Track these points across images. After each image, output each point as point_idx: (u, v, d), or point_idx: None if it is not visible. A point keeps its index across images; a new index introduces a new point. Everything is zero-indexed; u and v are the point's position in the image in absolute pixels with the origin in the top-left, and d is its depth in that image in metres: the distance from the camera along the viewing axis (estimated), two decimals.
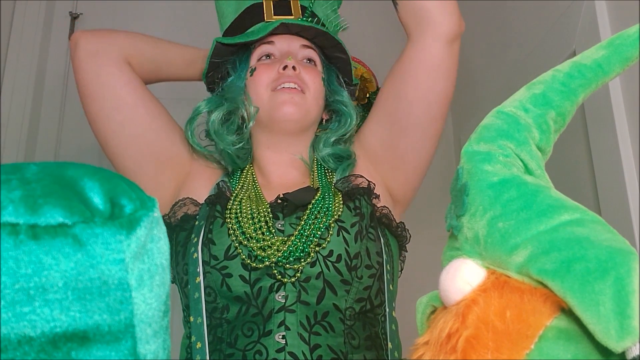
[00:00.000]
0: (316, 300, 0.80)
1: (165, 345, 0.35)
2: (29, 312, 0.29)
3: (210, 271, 0.81)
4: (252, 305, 0.79)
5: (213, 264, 0.81)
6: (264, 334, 0.77)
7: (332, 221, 0.83)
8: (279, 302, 0.79)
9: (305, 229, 0.82)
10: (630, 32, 0.47)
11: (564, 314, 0.36)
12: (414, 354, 0.43)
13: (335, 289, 0.80)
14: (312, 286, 0.80)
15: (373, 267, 0.84)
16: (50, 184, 0.31)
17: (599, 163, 0.99)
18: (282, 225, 0.84)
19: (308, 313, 0.79)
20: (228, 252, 0.81)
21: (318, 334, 0.78)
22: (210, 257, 0.81)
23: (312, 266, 0.80)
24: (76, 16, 2.00)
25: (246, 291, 0.79)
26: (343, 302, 0.81)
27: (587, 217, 0.39)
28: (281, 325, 0.77)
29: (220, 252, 0.81)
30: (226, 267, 0.80)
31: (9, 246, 0.29)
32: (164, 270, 0.35)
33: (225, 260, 0.81)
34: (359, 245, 0.83)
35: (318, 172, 0.94)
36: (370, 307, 0.84)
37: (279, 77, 0.90)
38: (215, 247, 0.81)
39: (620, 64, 0.47)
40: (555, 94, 0.47)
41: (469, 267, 0.41)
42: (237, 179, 0.94)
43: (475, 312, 0.38)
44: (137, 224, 0.33)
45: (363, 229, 0.84)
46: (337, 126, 0.97)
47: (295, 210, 0.85)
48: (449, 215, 0.47)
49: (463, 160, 0.47)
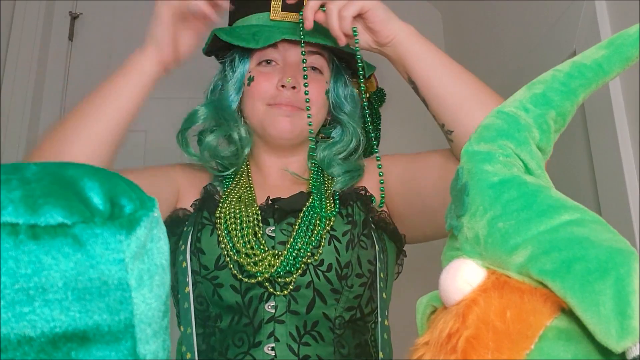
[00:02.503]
0: (306, 309, 0.79)
1: (165, 345, 0.35)
2: (29, 312, 0.29)
3: (202, 281, 0.80)
4: (244, 315, 0.78)
5: (204, 274, 0.80)
6: (254, 345, 0.76)
7: (324, 232, 0.81)
8: (269, 312, 0.78)
9: (297, 242, 0.80)
10: (630, 31, 0.47)
11: (564, 314, 0.36)
12: (414, 354, 0.43)
13: (325, 298, 0.79)
14: (302, 295, 0.79)
15: (364, 275, 0.82)
16: (50, 184, 0.31)
17: (599, 163, 0.99)
18: (273, 232, 0.82)
19: (298, 323, 0.78)
20: (218, 262, 0.79)
21: (307, 345, 0.77)
22: (200, 266, 0.80)
23: (302, 275, 0.79)
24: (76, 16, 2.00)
25: (237, 301, 0.79)
26: (333, 311, 0.80)
27: (587, 217, 0.39)
28: (270, 336, 0.77)
29: (210, 262, 0.80)
30: (217, 277, 0.79)
31: (9, 246, 0.29)
32: (163, 270, 0.35)
33: (215, 270, 0.79)
34: (350, 254, 0.81)
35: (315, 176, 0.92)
36: (360, 316, 0.83)
37: (276, 94, 0.88)
38: (205, 257, 0.80)
39: (620, 64, 0.47)
40: (556, 94, 0.47)
41: (469, 267, 0.41)
42: (232, 177, 0.92)
43: (476, 312, 0.38)
44: (136, 224, 0.33)
45: (355, 237, 0.82)
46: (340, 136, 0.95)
47: (286, 216, 0.84)
48: (449, 215, 0.47)
49: (463, 160, 0.47)
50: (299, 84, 0.88)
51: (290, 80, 0.86)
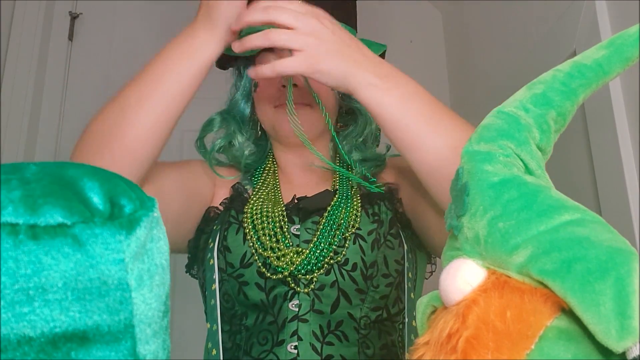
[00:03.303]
0: (330, 309, 0.78)
1: (164, 345, 0.35)
2: (29, 313, 0.29)
3: (227, 279, 0.80)
4: (269, 313, 0.78)
5: (229, 272, 0.80)
6: (277, 344, 0.76)
7: (349, 231, 0.80)
8: (293, 310, 0.77)
9: (321, 241, 0.80)
10: (630, 31, 0.47)
11: (565, 314, 0.36)
12: (414, 354, 0.43)
13: (350, 297, 0.78)
14: (326, 295, 0.78)
15: (391, 275, 0.81)
16: (50, 184, 0.31)
17: (599, 163, 0.99)
18: (298, 230, 0.82)
19: (321, 322, 0.77)
20: (243, 260, 0.80)
21: (331, 344, 0.76)
22: (227, 264, 0.80)
23: (326, 274, 0.78)
24: (76, 16, 2.00)
25: (262, 299, 0.78)
26: (358, 311, 0.79)
27: (587, 217, 0.39)
28: (293, 335, 0.76)
29: (235, 260, 0.80)
30: (242, 274, 0.79)
31: (9, 246, 0.29)
32: (163, 270, 0.35)
33: (241, 268, 0.80)
34: (376, 254, 0.80)
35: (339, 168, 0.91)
36: (387, 316, 0.81)
37: (280, 95, 0.87)
38: (231, 255, 0.80)
39: (620, 64, 0.47)
40: (556, 94, 0.47)
41: (469, 267, 0.41)
42: (260, 175, 0.93)
43: (476, 312, 0.38)
44: (136, 224, 0.33)
45: (381, 237, 0.81)
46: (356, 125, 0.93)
47: (310, 214, 0.83)
48: (449, 215, 0.47)
49: (463, 160, 0.47)
50: (300, 79, 0.86)
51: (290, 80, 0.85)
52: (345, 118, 0.96)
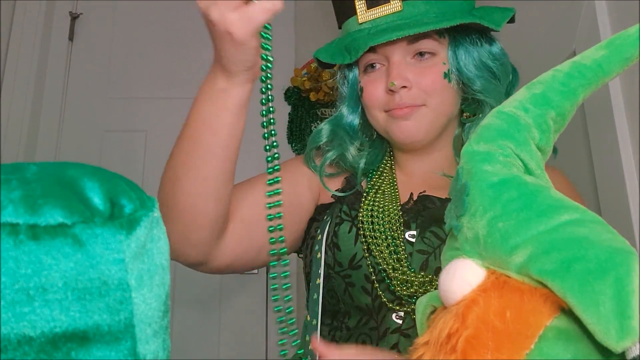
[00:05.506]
0: None
1: (165, 345, 0.35)
2: (29, 312, 0.29)
3: (335, 276, 0.78)
4: (373, 318, 0.76)
5: (337, 270, 0.78)
6: None
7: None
8: (396, 322, 0.75)
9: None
10: (630, 32, 0.47)
11: (564, 314, 0.36)
12: (413, 354, 0.43)
13: None
14: None
15: None
16: (50, 184, 0.31)
17: (599, 163, 0.99)
18: (413, 237, 0.77)
19: None
20: (353, 261, 0.77)
21: None
22: (335, 262, 0.78)
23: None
24: (76, 16, 2.01)
25: (367, 303, 0.76)
26: None
27: (587, 217, 0.39)
28: (393, 348, 0.73)
29: (345, 259, 0.77)
30: (350, 275, 0.77)
31: (9, 246, 0.29)
32: (163, 270, 0.35)
33: (349, 269, 0.77)
34: None
35: None
36: None
37: (388, 100, 0.81)
38: (340, 254, 0.78)
39: (620, 64, 0.47)
40: (555, 94, 0.47)
41: (469, 267, 0.41)
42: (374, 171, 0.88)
43: (475, 312, 0.38)
44: (136, 224, 0.33)
45: None
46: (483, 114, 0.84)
47: (431, 224, 0.77)
48: (449, 215, 0.47)
49: (463, 160, 0.47)
50: (408, 80, 0.80)
51: (395, 83, 0.79)
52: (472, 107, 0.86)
